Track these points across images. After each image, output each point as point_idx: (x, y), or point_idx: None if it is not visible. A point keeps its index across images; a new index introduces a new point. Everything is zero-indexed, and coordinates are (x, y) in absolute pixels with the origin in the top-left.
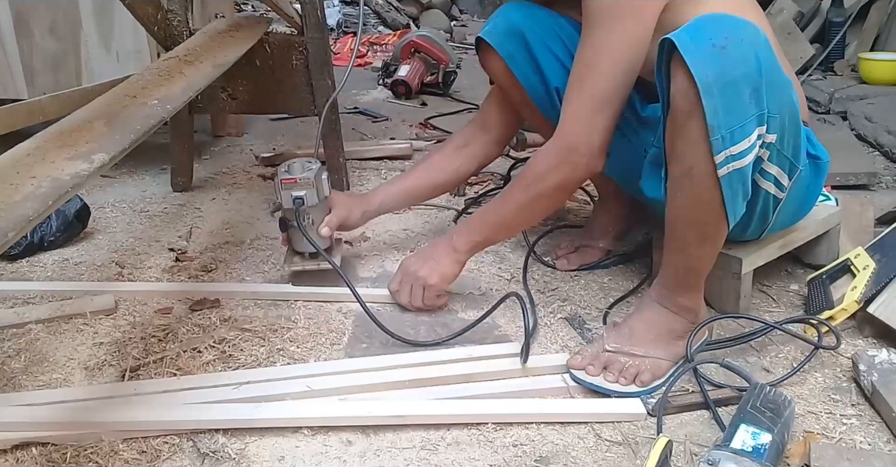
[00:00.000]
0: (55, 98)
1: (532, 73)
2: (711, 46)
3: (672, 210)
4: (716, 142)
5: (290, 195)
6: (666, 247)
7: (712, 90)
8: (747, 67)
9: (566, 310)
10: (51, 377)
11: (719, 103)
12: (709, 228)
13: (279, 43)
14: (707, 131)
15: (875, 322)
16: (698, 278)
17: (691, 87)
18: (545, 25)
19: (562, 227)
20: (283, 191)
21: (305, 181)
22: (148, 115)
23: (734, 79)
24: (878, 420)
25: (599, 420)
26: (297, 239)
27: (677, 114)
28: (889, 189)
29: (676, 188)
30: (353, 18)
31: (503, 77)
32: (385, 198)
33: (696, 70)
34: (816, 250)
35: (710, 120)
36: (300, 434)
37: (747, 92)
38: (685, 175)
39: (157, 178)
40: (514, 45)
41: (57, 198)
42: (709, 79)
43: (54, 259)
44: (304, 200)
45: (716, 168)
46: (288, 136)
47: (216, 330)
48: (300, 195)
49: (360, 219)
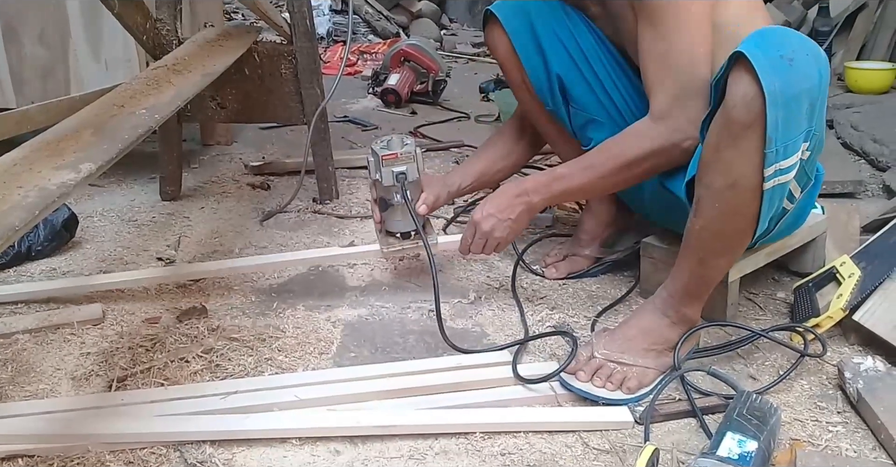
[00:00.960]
0: (43, 107)
1: (535, 55)
2: (780, 58)
3: (700, 220)
4: (770, 154)
5: (392, 172)
6: (683, 257)
7: (777, 101)
8: (811, 82)
9: (555, 319)
10: (37, 387)
11: (781, 115)
12: (735, 240)
13: (268, 52)
14: (764, 143)
15: (860, 329)
16: (709, 289)
17: (757, 97)
18: (555, 10)
19: (550, 236)
20: (384, 169)
21: (406, 155)
22: (136, 124)
23: (798, 92)
24: (863, 427)
25: (587, 428)
26: (392, 219)
27: (734, 123)
28: (875, 197)
29: (713, 199)
30: (343, 27)
31: (505, 54)
32: (462, 181)
33: (766, 80)
34: (803, 258)
35: (770, 131)
36: (288, 444)
37: (806, 107)
38: (729, 186)
39: (146, 187)
40: (520, 23)
41: (44, 208)
42: (776, 90)
43: (42, 268)
44: (407, 175)
45: (763, 181)
46: (277, 145)
47: (204, 339)
48: (402, 170)
49: (447, 198)
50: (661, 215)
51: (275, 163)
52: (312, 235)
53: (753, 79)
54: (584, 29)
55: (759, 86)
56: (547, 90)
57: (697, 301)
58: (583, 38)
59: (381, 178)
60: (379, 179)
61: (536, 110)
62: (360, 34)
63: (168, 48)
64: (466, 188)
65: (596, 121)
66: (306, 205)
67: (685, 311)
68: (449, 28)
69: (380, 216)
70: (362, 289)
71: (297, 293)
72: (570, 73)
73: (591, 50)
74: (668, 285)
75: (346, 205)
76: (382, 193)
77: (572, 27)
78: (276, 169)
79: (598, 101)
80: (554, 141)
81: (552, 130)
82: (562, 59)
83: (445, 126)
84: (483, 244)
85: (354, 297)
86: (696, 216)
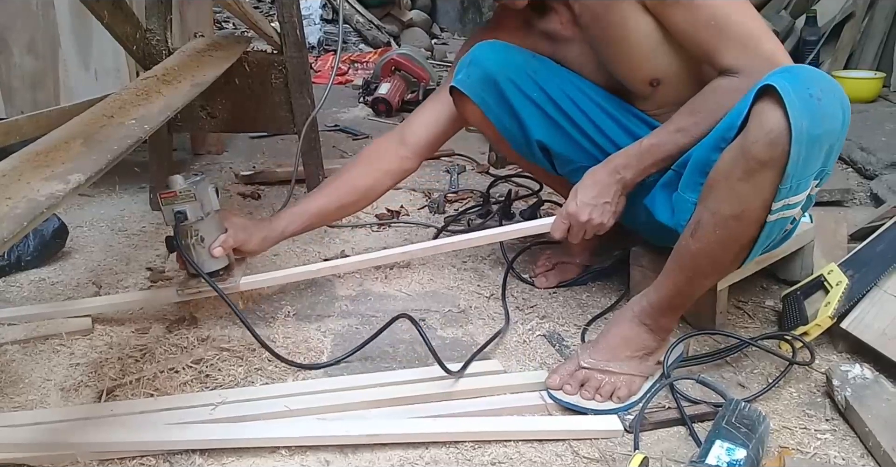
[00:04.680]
0: (33, 117)
1: (510, 121)
2: (809, 97)
3: (697, 243)
4: (783, 189)
5: (172, 210)
6: (671, 271)
7: (802, 140)
8: (834, 124)
9: (545, 327)
10: (26, 398)
11: (803, 153)
12: (727, 265)
13: (258, 62)
14: (780, 179)
15: (848, 337)
16: (690, 303)
17: (783, 134)
18: (520, 70)
19: (540, 244)
20: (164, 207)
21: (185, 194)
22: (125, 135)
23: (822, 133)
24: (851, 434)
25: (577, 437)
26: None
27: (753, 159)
28: (862, 205)
29: (716, 225)
30: (334, 36)
31: (480, 121)
32: (289, 223)
33: (794, 118)
34: (791, 266)
35: (789, 168)
36: (278, 454)
37: (826, 147)
38: (735, 216)
39: (136, 197)
40: (489, 94)
41: (32, 219)
42: (802, 128)
43: (31, 279)
44: (186, 215)
45: (769, 213)
46: (268, 154)
47: (194, 349)
48: (181, 210)
49: (261, 243)
50: (654, 233)
51: (265, 172)
52: (303, 245)
53: (783, 114)
54: (555, 78)
55: (787, 122)
56: (527, 151)
57: (677, 312)
58: (555, 91)
59: (165, 218)
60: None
61: (516, 158)
62: (351, 43)
63: (158, 58)
64: (292, 232)
65: (581, 166)
66: None
67: (663, 321)
68: (440, 37)
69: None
70: (352, 298)
71: (286, 303)
72: (551, 135)
73: (564, 99)
74: (650, 295)
75: None
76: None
77: (543, 83)
78: (267, 178)
79: (584, 151)
80: (537, 175)
81: (534, 169)
82: (540, 124)
83: None
84: (582, 233)
85: (344, 307)
86: (693, 237)
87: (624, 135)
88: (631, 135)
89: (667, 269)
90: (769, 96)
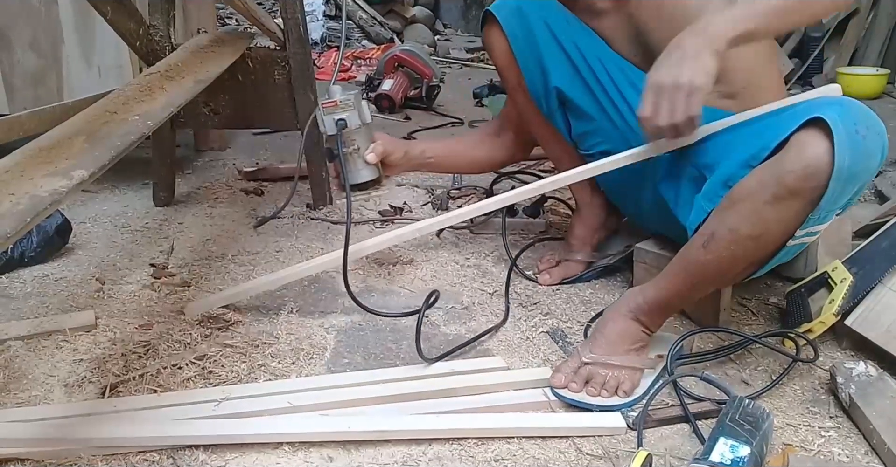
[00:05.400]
0: (35, 113)
1: (534, 64)
2: (855, 133)
3: (710, 255)
4: (811, 219)
5: (333, 119)
6: (674, 275)
7: (842, 175)
8: (873, 163)
9: (548, 324)
10: (30, 394)
11: (838, 188)
12: (732, 278)
13: (261, 58)
14: (811, 210)
15: (852, 334)
16: (685, 305)
17: (824, 167)
18: (555, 16)
19: (543, 241)
20: (326, 117)
21: (345, 103)
22: (128, 131)
23: (860, 171)
24: (855, 432)
25: (580, 434)
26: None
27: (785, 187)
28: (866, 202)
29: (732, 243)
30: (337, 32)
31: (503, 57)
32: (428, 148)
33: (839, 153)
34: (795, 263)
35: (824, 202)
36: (281, 450)
37: (860, 185)
38: (754, 238)
39: (139, 193)
40: (520, 28)
41: (35, 216)
42: (844, 164)
43: (34, 275)
44: (347, 122)
45: (790, 238)
46: (271, 151)
47: (197, 346)
48: (342, 117)
49: (403, 158)
50: (656, 221)
51: (268, 168)
52: (306, 241)
53: (828, 149)
54: (586, 36)
55: (831, 157)
56: (543, 99)
57: (670, 312)
58: (584, 44)
59: (326, 127)
60: (325, 130)
61: (531, 112)
62: (354, 39)
63: (161, 54)
64: (429, 158)
65: (598, 129)
66: (300, 211)
67: (655, 319)
68: (443, 33)
69: (333, 168)
70: (356, 294)
71: (289, 299)
72: (572, 84)
73: (592, 56)
74: (648, 293)
75: (340, 210)
76: (329, 144)
77: (574, 34)
78: (270, 174)
79: (602, 110)
80: (547, 143)
81: (546, 133)
82: (562, 70)
83: (439, 131)
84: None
85: (348, 303)
86: (705, 248)
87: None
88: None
89: (669, 271)
90: (816, 127)
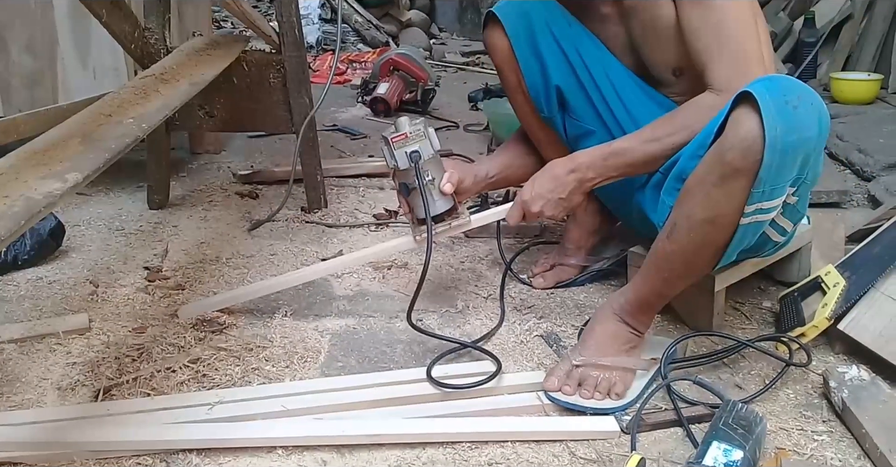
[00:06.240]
0: (31, 116)
1: (534, 63)
2: (785, 103)
3: (673, 245)
4: (755, 194)
5: (405, 153)
6: (647, 272)
7: (776, 147)
8: (810, 133)
9: (542, 328)
10: (23, 398)
11: (776, 160)
12: (701, 268)
13: (257, 61)
14: (753, 184)
15: (845, 339)
16: (665, 302)
17: (757, 140)
18: (557, 17)
19: (538, 244)
20: (397, 151)
21: (416, 133)
22: (123, 133)
23: (796, 140)
24: (848, 436)
25: (574, 438)
26: (419, 203)
27: (727, 165)
28: (860, 207)
29: (690, 229)
30: (333, 36)
31: (504, 57)
32: (490, 169)
33: (769, 124)
34: (788, 267)
35: (762, 174)
36: (275, 454)
37: (801, 156)
38: (709, 221)
39: (134, 196)
40: (522, 28)
41: (29, 218)
42: (776, 134)
43: (28, 278)
44: (420, 153)
45: (741, 217)
46: (266, 154)
47: (191, 349)
48: (415, 149)
49: (473, 183)
50: (644, 227)
51: (263, 171)
52: (301, 244)
53: (758, 121)
54: (587, 40)
55: (761, 129)
56: (544, 99)
57: (653, 311)
58: (584, 47)
59: (397, 162)
60: (395, 164)
61: (529, 115)
62: (350, 43)
63: (156, 57)
64: (494, 178)
65: (592, 132)
66: (295, 215)
67: (642, 318)
68: (438, 37)
69: (406, 204)
70: (350, 298)
71: (284, 302)
72: (570, 84)
73: (593, 60)
74: (628, 294)
75: (334, 214)
76: (402, 178)
77: (575, 37)
78: (265, 178)
79: (597, 113)
80: (544, 147)
81: (543, 136)
82: (562, 70)
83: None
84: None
85: (342, 307)
86: (668, 239)
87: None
88: (648, 108)
89: (643, 270)
90: (746, 103)
